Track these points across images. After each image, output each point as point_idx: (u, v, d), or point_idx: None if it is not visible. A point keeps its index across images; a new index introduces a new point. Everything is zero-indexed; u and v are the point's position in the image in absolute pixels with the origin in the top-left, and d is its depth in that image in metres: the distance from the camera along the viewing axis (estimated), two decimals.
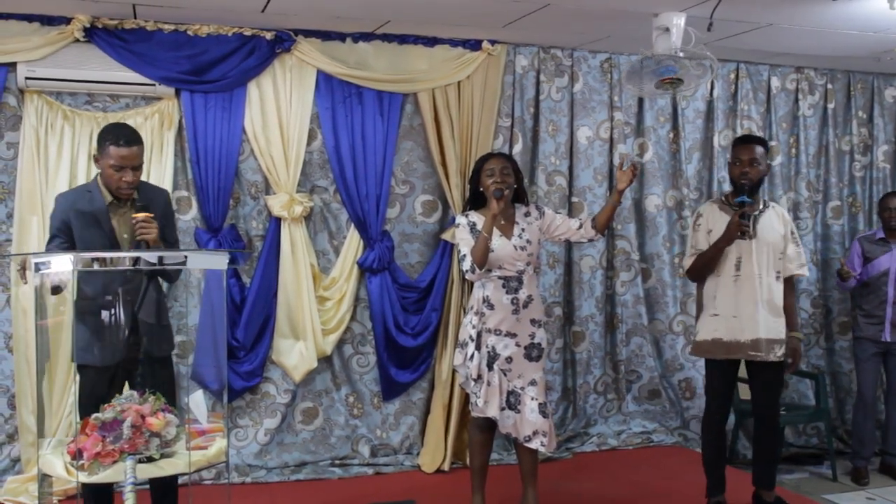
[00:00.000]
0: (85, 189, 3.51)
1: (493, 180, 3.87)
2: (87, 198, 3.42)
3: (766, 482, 4.24)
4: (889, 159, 5.92)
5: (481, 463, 4.06)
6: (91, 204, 3.39)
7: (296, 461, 4.86)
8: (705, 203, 4.38)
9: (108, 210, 3.41)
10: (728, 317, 4.06)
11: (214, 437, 3.12)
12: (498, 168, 3.91)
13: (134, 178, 3.37)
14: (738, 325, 4.05)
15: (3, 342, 4.44)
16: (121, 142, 3.33)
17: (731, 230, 3.96)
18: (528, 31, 4.84)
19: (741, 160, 4.09)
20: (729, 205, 4.16)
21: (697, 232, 4.19)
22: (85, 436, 2.83)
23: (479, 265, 3.82)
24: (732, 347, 4.06)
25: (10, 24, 4.32)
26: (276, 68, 4.72)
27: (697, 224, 4.21)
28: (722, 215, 4.12)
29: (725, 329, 4.07)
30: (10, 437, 4.43)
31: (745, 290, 4.04)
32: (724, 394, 4.19)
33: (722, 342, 4.07)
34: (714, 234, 4.09)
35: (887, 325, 5.08)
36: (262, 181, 4.77)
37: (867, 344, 5.16)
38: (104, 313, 3.38)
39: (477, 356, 3.89)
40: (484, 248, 3.80)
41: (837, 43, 4.99)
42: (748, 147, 4.11)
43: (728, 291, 4.07)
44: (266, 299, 4.77)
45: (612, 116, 5.37)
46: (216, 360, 4.47)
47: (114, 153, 3.31)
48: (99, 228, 3.37)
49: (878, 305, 5.12)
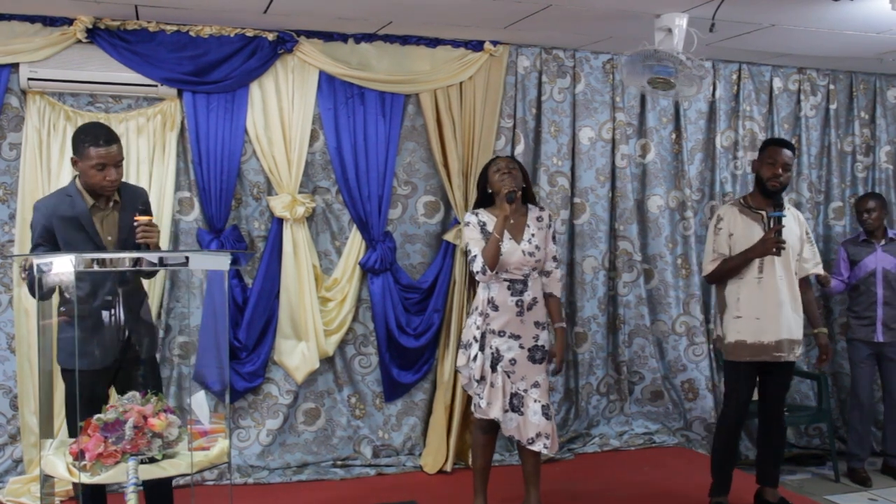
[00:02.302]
0: (64, 193, 3.44)
1: (500, 176, 3.89)
2: (68, 202, 3.37)
3: (770, 480, 4.25)
4: (891, 160, 5.92)
5: (484, 464, 4.05)
6: (73, 208, 3.35)
7: (298, 462, 4.86)
8: (724, 205, 4.35)
9: (90, 213, 3.38)
10: (751, 319, 4.05)
11: (216, 437, 3.13)
12: (504, 164, 3.95)
13: (117, 175, 3.35)
14: (761, 327, 4.04)
15: (5, 343, 4.44)
16: (100, 141, 3.31)
17: (767, 246, 3.96)
18: (531, 32, 4.83)
19: (776, 162, 4.06)
20: (750, 208, 4.14)
21: (719, 235, 4.15)
22: (87, 437, 2.83)
23: (492, 267, 3.83)
24: (757, 349, 4.06)
25: (12, 25, 4.33)
26: (279, 69, 4.73)
27: (718, 228, 4.16)
28: (744, 219, 4.11)
29: (749, 331, 4.06)
30: (12, 437, 4.44)
31: (769, 291, 4.04)
32: (747, 396, 4.19)
33: (746, 344, 4.06)
34: (736, 238, 4.09)
35: (879, 325, 5.10)
36: (264, 182, 4.77)
37: (861, 346, 5.17)
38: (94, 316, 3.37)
39: (480, 357, 3.89)
40: (496, 251, 3.81)
41: (839, 44, 4.99)
42: (784, 151, 4.10)
43: (751, 293, 4.06)
44: (268, 300, 4.78)
45: (614, 117, 5.37)
46: (218, 361, 4.47)
47: (94, 153, 3.29)
48: (83, 232, 3.34)
49: (868, 307, 5.13)
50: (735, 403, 4.16)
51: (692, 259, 5.48)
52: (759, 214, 4.11)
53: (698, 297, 5.48)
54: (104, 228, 3.40)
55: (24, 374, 4.36)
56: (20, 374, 4.38)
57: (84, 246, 3.32)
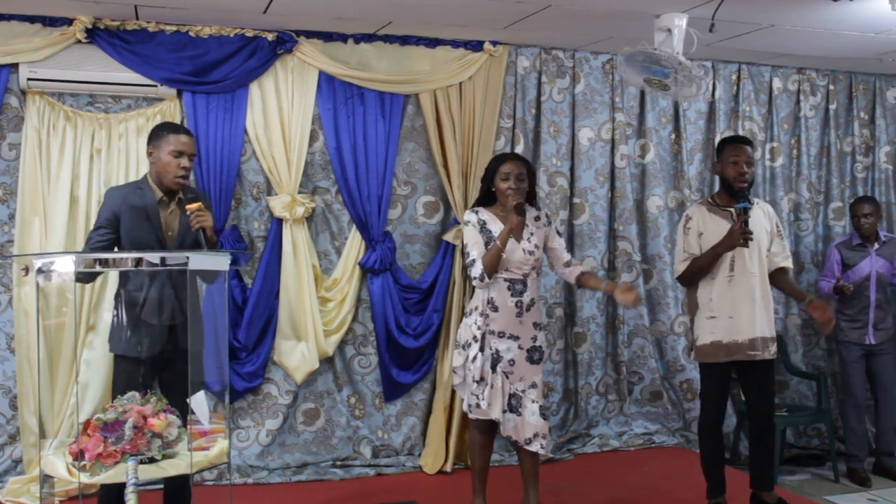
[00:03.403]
0: (135, 186, 3.65)
1: (508, 186, 3.85)
2: (139, 194, 3.57)
3: (764, 483, 4.23)
4: (891, 160, 5.92)
5: (482, 464, 4.05)
6: (142, 199, 3.55)
7: (297, 462, 4.86)
8: (693, 206, 4.35)
9: (157, 206, 3.56)
10: (725, 318, 4.05)
11: (216, 437, 3.13)
12: (514, 174, 3.86)
13: (189, 164, 3.56)
14: (735, 326, 4.04)
15: (5, 343, 4.44)
16: (180, 130, 3.61)
17: (733, 238, 3.92)
18: (530, 32, 4.84)
19: (738, 161, 4.03)
20: (718, 206, 4.13)
21: (688, 235, 4.14)
22: (87, 437, 2.83)
23: (490, 275, 3.82)
24: (732, 348, 4.06)
25: (12, 25, 4.33)
26: (278, 69, 4.73)
27: (688, 227, 4.15)
28: (713, 218, 4.10)
29: (724, 331, 4.05)
30: (11, 437, 4.44)
31: (741, 289, 4.03)
32: (721, 396, 4.20)
33: (721, 344, 4.06)
34: (705, 237, 4.07)
35: (870, 328, 5.11)
36: (263, 182, 4.77)
37: (853, 347, 5.18)
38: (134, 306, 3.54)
39: (480, 358, 3.89)
40: (496, 259, 3.80)
41: (839, 44, 4.99)
42: (743, 147, 4.07)
43: (724, 292, 4.05)
44: (268, 300, 4.78)
45: (613, 117, 5.37)
46: (218, 361, 4.46)
47: (174, 140, 3.53)
48: (148, 223, 3.52)
49: (861, 310, 5.14)
50: (711, 406, 4.16)
51: None
52: (728, 212, 4.09)
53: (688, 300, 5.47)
54: (167, 223, 3.59)
55: (24, 374, 4.36)
56: (20, 374, 4.38)
57: (147, 236, 3.51)
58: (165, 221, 3.58)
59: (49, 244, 4.32)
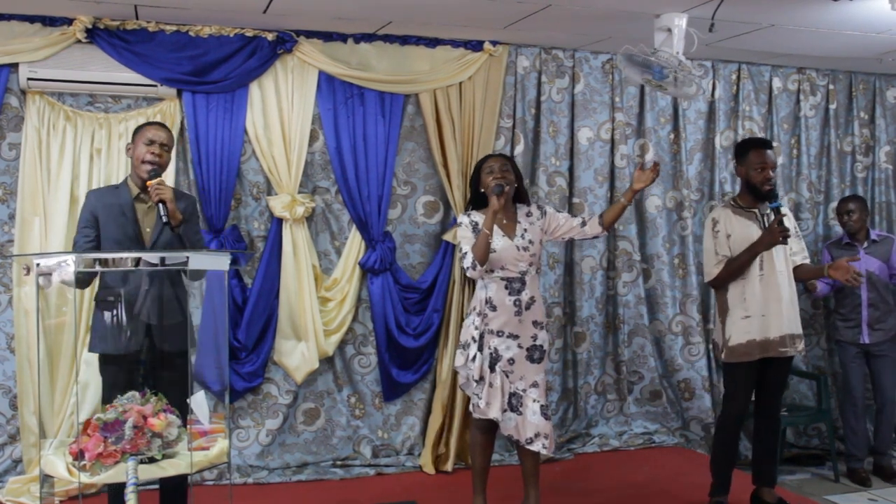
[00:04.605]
0: (114, 186, 3.79)
1: (492, 177, 3.89)
2: (115, 193, 3.68)
3: (767, 479, 4.26)
4: (891, 160, 5.92)
5: (483, 464, 4.06)
6: (118, 197, 3.64)
7: (297, 462, 4.86)
8: (717, 208, 4.35)
9: (133, 202, 3.62)
10: (758, 316, 4.09)
11: (216, 437, 3.13)
12: (497, 166, 3.94)
13: (161, 153, 3.60)
14: (767, 324, 4.09)
15: (4, 343, 4.44)
16: (154, 123, 3.73)
17: (773, 236, 3.99)
18: (530, 32, 4.84)
19: (765, 165, 4.11)
20: (742, 208, 4.18)
21: (718, 238, 4.16)
22: (87, 436, 2.83)
23: (481, 262, 3.82)
24: (765, 346, 4.10)
25: (12, 25, 4.33)
26: (278, 69, 4.73)
27: (716, 230, 4.18)
28: (739, 219, 4.15)
29: (757, 329, 4.09)
30: (11, 437, 4.44)
31: (771, 287, 4.09)
32: (748, 395, 4.22)
33: (756, 342, 4.10)
34: (734, 238, 4.12)
35: (864, 327, 5.12)
36: (263, 182, 4.77)
37: (849, 347, 5.19)
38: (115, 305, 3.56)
39: (479, 357, 3.88)
40: (485, 245, 3.80)
41: (839, 44, 4.99)
42: (768, 153, 4.15)
43: (756, 291, 4.09)
44: (268, 300, 4.78)
45: (613, 117, 5.37)
46: (218, 361, 4.47)
47: (146, 129, 3.64)
48: (123, 218, 3.59)
49: (853, 309, 5.15)
50: (737, 405, 4.17)
51: (689, 259, 5.48)
52: (753, 213, 4.17)
53: (695, 297, 5.48)
54: (144, 220, 3.63)
55: (24, 374, 4.36)
56: (20, 374, 4.38)
57: (121, 232, 3.56)
58: (142, 218, 3.63)
59: (49, 244, 4.32)
